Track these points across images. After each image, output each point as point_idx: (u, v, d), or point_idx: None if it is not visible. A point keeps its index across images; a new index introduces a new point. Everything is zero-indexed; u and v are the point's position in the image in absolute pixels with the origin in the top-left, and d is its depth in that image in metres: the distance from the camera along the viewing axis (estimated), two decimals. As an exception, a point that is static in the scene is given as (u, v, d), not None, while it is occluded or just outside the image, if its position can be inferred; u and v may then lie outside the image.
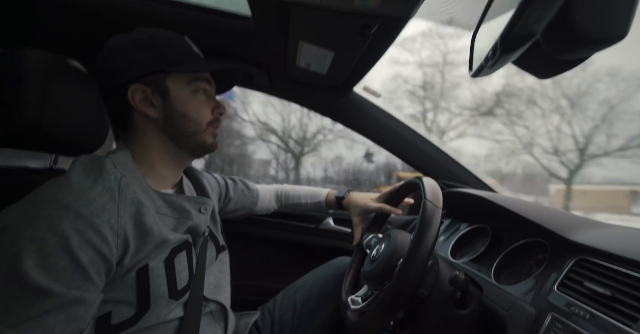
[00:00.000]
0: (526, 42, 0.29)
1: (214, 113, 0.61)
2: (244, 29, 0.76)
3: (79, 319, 0.41)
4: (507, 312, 0.52)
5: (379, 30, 0.62)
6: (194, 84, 0.58)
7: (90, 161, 0.51)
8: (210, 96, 0.61)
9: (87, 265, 0.42)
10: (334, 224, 1.19)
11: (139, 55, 0.54)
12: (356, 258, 0.82)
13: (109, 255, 0.44)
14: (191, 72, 0.57)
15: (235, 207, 0.89)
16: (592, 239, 0.52)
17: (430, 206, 0.55)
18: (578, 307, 0.45)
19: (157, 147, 0.57)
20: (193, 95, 0.58)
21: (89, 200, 0.44)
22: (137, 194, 0.50)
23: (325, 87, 0.97)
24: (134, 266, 0.48)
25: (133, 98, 0.54)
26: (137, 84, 0.54)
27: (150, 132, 0.57)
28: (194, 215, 0.58)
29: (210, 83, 0.61)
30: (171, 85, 0.56)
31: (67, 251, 0.40)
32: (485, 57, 0.34)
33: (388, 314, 0.51)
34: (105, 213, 0.45)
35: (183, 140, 0.58)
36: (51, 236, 0.40)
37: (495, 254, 0.68)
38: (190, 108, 0.57)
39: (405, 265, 0.50)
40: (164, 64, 0.55)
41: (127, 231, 0.47)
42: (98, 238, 0.43)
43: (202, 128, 0.59)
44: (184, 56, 0.57)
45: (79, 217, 0.42)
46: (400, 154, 1.11)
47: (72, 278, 0.41)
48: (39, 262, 0.39)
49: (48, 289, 0.38)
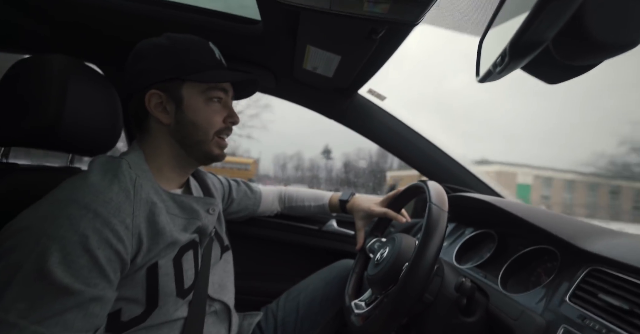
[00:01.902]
0: (536, 48, 0.28)
1: (225, 122, 0.61)
2: (253, 32, 0.76)
3: (96, 316, 0.42)
4: (515, 322, 0.51)
5: (385, 35, 0.63)
6: (209, 93, 0.58)
7: (107, 161, 0.53)
8: (225, 104, 0.62)
9: (105, 263, 0.43)
10: (337, 226, 1.19)
11: (159, 61, 0.56)
12: (359, 262, 0.81)
13: (124, 253, 0.45)
14: (206, 83, 0.57)
15: (237, 208, 0.89)
16: (605, 248, 0.51)
17: (436, 210, 0.54)
18: (592, 320, 0.43)
19: (166, 151, 0.58)
20: (206, 104, 0.58)
21: (106, 200, 0.45)
22: (150, 194, 0.52)
23: (331, 90, 0.97)
24: (144, 265, 0.49)
25: (149, 102, 0.56)
26: (154, 90, 0.56)
27: (162, 137, 0.58)
28: (202, 215, 0.59)
29: (226, 92, 0.61)
30: (186, 93, 0.57)
31: (87, 249, 0.41)
32: (494, 62, 0.34)
33: (393, 319, 0.50)
34: (122, 212, 0.46)
35: (191, 148, 0.59)
36: (72, 235, 0.41)
37: (501, 260, 0.67)
38: (201, 117, 0.58)
39: (411, 269, 0.50)
40: (181, 72, 0.56)
41: (141, 230, 0.48)
42: (114, 237, 0.44)
43: (209, 138, 0.59)
44: (203, 64, 0.57)
45: (97, 217, 0.43)
46: (405, 157, 1.11)
47: (91, 277, 0.42)
48: (61, 260, 0.40)
49: (69, 287, 0.40)
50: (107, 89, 0.69)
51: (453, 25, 0.69)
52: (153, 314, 0.51)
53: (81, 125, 0.62)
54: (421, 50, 29.09)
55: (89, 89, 0.64)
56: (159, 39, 0.58)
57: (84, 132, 0.63)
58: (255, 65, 0.92)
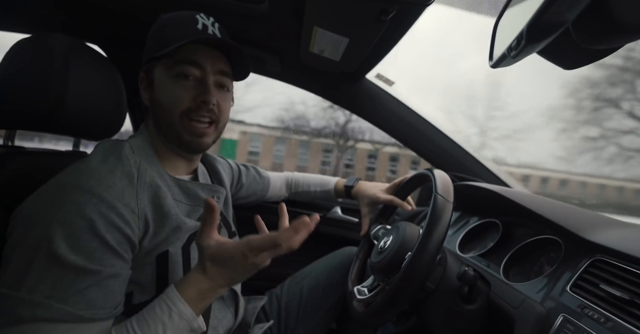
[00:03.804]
0: (555, 31, 0.27)
1: (196, 101, 0.52)
2: (258, 13, 0.74)
3: (115, 292, 0.44)
4: (515, 310, 0.52)
5: (396, 16, 0.60)
6: (176, 68, 0.52)
7: (110, 146, 0.52)
8: (200, 81, 0.53)
9: (116, 245, 0.44)
10: (341, 213, 1.19)
11: (147, 45, 0.56)
12: (363, 248, 0.82)
13: (132, 236, 0.46)
14: (165, 56, 0.52)
15: (246, 193, 0.90)
16: (609, 239, 0.50)
17: (441, 200, 0.54)
18: (592, 309, 0.44)
19: (156, 135, 0.57)
20: (172, 81, 0.52)
21: (109, 185, 0.45)
22: (154, 178, 0.51)
23: (338, 74, 0.95)
24: (152, 250, 0.50)
25: (141, 85, 0.56)
26: (143, 73, 0.56)
27: (150, 121, 0.58)
28: None
29: (201, 68, 0.53)
30: (157, 72, 0.54)
31: (96, 234, 0.42)
32: (509, 46, 0.32)
33: (394, 306, 0.51)
34: (125, 197, 0.46)
35: (165, 133, 0.55)
36: (79, 220, 0.41)
37: (504, 250, 0.67)
38: (166, 95, 0.52)
39: (413, 259, 0.50)
40: (155, 50, 0.53)
41: (147, 213, 0.48)
42: (121, 221, 0.44)
43: (174, 120, 0.52)
44: (176, 37, 0.50)
45: (102, 201, 0.43)
46: (411, 144, 1.09)
47: (105, 258, 0.42)
48: (72, 245, 0.40)
49: (86, 268, 0.41)
50: (110, 71, 0.67)
51: (468, 5, 0.66)
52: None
53: (84, 108, 0.61)
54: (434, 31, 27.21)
55: (92, 71, 0.63)
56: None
57: (87, 116, 0.63)
58: (260, 47, 0.89)
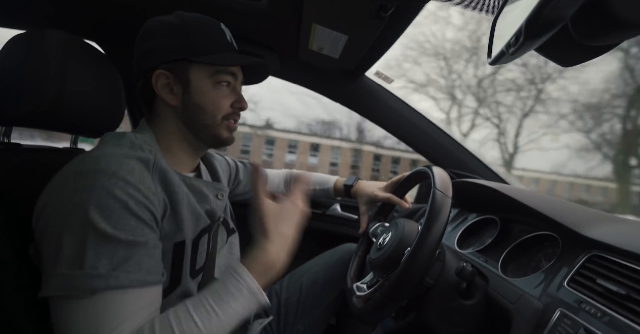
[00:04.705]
0: (554, 27, 0.27)
1: (233, 108, 0.59)
2: (257, 10, 0.74)
3: (160, 260, 0.48)
4: (513, 305, 0.52)
5: (395, 13, 0.60)
6: (217, 76, 0.56)
7: (119, 135, 0.53)
8: (234, 89, 0.59)
9: (149, 221, 0.46)
10: (341, 210, 1.19)
11: (167, 41, 0.54)
12: (362, 245, 0.82)
13: (157, 214, 0.48)
14: (214, 65, 0.55)
15: (244, 190, 0.90)
16: (606, 235, 0.51)
17: (440, 196, 0.54)
18: (589, 304, 0.44)
19: (175, 133, 0.58)
20: (213, 88, 0.56)
21: (130, 169, 0.46)
22: (167, 168, 0.53)
23: (337, 72, 0.94)
24: (169, 236, 0.51)
25: (156, 83, 0.54)
26: (161, 70, 0.54)
27: (170, 119, 0.57)
28: (211, 200, 0.60)
29: (235, 76, 0.59)
30: (193, 75, 0.55)
31: (131, 213, 0.44)
32: (507, 43, 0.32)
33: (393, 302, 0.51)
34: (145, 180, 0.47)
35: (198, 131, 0.58)
36: (113, 203, 0.43)
37: (502, 246, 0.68)
38: (208, 101, 0.56)
39: (412, 254, 0.50)
40: (189, 53, 0.54)
41: (164, 196, 0.50)
42: (147, 200, 0.46)
43: (217, 122, 0.57)
44: (212, 45, 0.55)
45: (128, 184, 0.45)
46: (410, 142, 1.09)
47: (145, 232, 0.46)
48: (114, 224, 0.42)
49: (135, 241, 0.44)
50: (108, 68, 0.67)
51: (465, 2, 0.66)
52: (174, 292, 0.53)
53: (82, 105, 0.61)
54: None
55: (90, 67, 0.62)
56: (169, 17, 0.56)
57: (85, 112, 0.62)
58: (259, 45, 0.89)
